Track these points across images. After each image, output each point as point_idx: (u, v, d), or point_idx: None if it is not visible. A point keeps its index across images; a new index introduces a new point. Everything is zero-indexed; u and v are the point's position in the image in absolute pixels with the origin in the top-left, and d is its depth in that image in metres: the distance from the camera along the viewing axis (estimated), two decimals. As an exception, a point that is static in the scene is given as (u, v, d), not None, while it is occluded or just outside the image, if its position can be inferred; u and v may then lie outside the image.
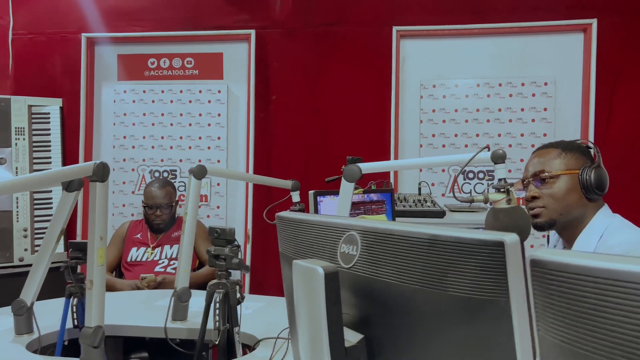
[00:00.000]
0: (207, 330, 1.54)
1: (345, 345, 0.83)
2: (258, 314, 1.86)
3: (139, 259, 2.72)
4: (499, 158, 1.50)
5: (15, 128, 2.99)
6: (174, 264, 2.72)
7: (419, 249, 0.75)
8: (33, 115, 3.05)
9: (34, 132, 3.04)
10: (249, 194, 3.08)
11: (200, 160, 3.18)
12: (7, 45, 3.21)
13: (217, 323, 1.48)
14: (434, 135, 2.96)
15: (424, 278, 0.74)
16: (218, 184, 3.17)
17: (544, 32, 2.88)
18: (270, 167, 3.11)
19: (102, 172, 1.37)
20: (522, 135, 2.88)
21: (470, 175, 2.95)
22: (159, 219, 2.78)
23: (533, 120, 2.88)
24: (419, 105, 2.98)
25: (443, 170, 2.94)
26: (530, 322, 0.62)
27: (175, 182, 3.11)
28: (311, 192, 1.88)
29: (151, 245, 2.77)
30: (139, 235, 2.80)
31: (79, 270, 1.66)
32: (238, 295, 1.52)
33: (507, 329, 0.64)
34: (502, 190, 1.47)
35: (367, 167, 1.59)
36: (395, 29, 2.93)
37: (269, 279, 3.07)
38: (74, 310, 1.64)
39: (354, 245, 0.87)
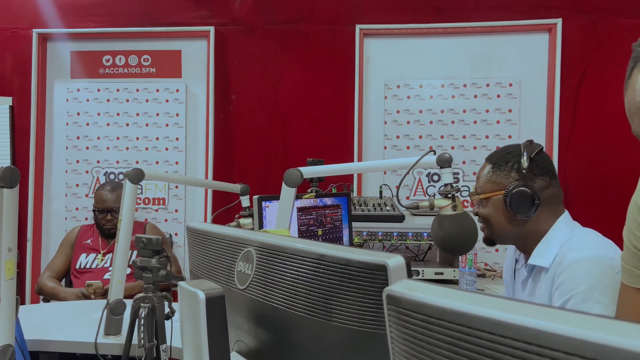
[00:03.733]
0: (134, 347, 1.44)
1: (232, 379, 0.74)
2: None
3: (88, 266, 2.60)
4: (445, 162, 1.42)
5: (-40, 128, 2.84)
6: (110, 275, 2.59)
7: (308, 269, 0.66)
8: (-21, 115, 2.90)
9: (-20, 132, 2.89)
10: (208, 197, 2.97)
11: (157, 162, 3.06)
12: (-46, 40, 3.06)
13: (142, 340, 1.37)
14: (398, 137, 2.88)
15: (310, 304, 0.65)
16: (177, 187, 3.05)
17: (509, 31, 2.82)
18: (230, 169, 3.00)
19: (10, 178, 1.25)
20: (487, 137, 2.82)
21: (435, 177, 2.88)
22: (110, 224, 2.66)
23: (498, 122, 2.82)
24: (384, 105, 2.90)
25: (407, 173, 2.86)
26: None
27: (131, 184, 2.98)
28: (255, 197, 1.78)
29: (102, 252, 2.65)
30: (89, 241, 2.67)
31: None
32: (167, 310, 1.42)
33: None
34: (448, 195, 1.39)
35: (309, 171, 1.50)
36: (358, 27, 2.85)
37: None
38: (-8, 325, 1.51)
39: (250, 264, 0.78)
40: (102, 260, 2.63)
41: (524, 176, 1.29)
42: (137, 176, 1.74)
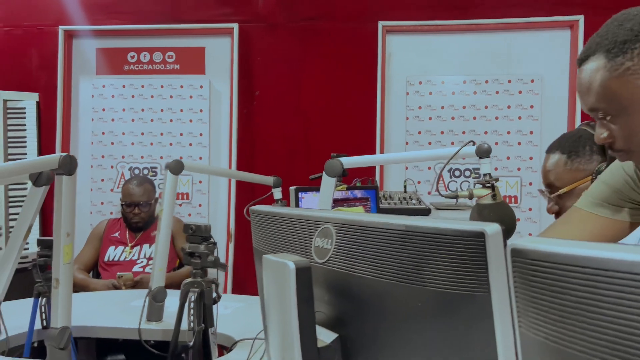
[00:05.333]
0: (181, 332, 1.48)
1: (318, 346, 0.78)
2: (237, 314, 1.80)
3: (116, 259, 2.64)
4: (484, 153, 1.46)
5: (-11, 123, 2.89)
6: (152, 263, 2.64)
7: (394, 241, 0.70)
8: (8, 110, 2.95)
9: (9, 128, 2.94)
10: (231, 191, 3.01)
11: (181, 157, 3.10)
12: (-18, 38, 3.11)
13: (192, 323, 1.42)
14: (420, 133, 2.92)
15: (399, 272, 0.69)
16: (200, 182, 3.10)
17: (531, 28, 2.86)
18: (253, 165, 3.04)
19: (69, 165, 1.30)
20: (508, 132, 2.86)
21: (457, 173, 2.91)
22: (137, 217, 2.71)
23: (520, 118, 2.86)
24: (405, 101, 2.94)
25: (429, 168, 2.90)
26: (512, 318, 0.57)
27: (155, 179, 3.03)
28: (292, 188, 1.82)
29: (129, 245, 2.69)
30: (117, 234, 2.72)
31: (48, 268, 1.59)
32: (214, 294, 1.46)
33: (487, 325, 0.59)
34: (487, 185, 1.43)
35: (350, 161, 1.54)
36: (380, 24, 2.89)
37: (251, 278, 3.00)
38: (43, 310, 1.56)
39: (329, 239, 0.82)
40: (130, 252, 2.68)
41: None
42: (177, 167, 1.79)
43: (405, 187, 2.62)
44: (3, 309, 1.57)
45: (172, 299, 1.75)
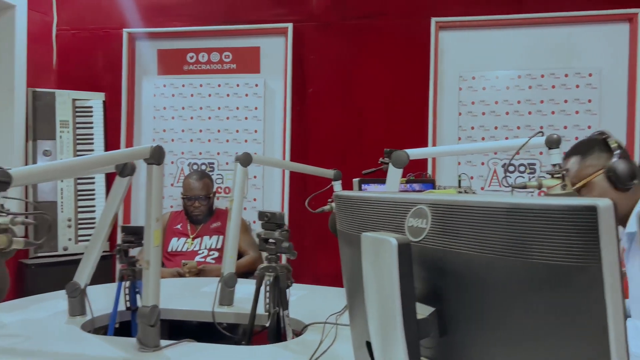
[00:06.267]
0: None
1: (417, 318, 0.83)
2: (302, 301, 1.86)
3: (179, 249, 2.77)
4: (553, 143, 1.47)
5: (60, 121, 3.08)
6: (213, 254, 2.76)
7: (498, 218, 0.74)
8: (77, 109, 3.13)
9: (77, 125, 3.12)
10: (285, 186, 3.10)
11: (237, 153, 3.20)
12: (52, 41, 3.31)
13: (267, 306, 1.49)
14: (473, 128, 2.92)
15: (503, 247, 0.73)
16: (255, 177, 3.19)
17: (588, 21, 2.81)
18: (306, 161, 3.11)
19: (158, 155, 1.40)
20: (565, 127, 2.82)
21: (511, 168, 2.90)
22: (198, 210, 2.83)
23: (577, 112, 2.81)
24: (458, 97, 2.94)
25: (482, 164, 2.90)
26: (622, 288, 0.61)
27: (212, 174, 3.15)
28: (355, 180, 1.88)
29: (191, 236, 2.81)
30: (179, 226, 2.84)
31: (130, 253, 1.70)
32: (287, 280, 1.53)
33: (597, 296, 0.63)
34: (556, 175, 1.44)
35: (416, 152, 1.58)
36: (433, 20, 2.91)
37: (304, 271, 3.08)
38: (126, 292, 1.67)
39: (424, 219, 0.86)
40: (191, 244, 2.80)
41: (614, 153, 1.39)
42: (246, 160, 1.87)
43: (459, 181, 2.62)
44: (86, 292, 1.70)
45: (238, 286, 1.84)
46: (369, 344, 1.02)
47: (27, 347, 1.42)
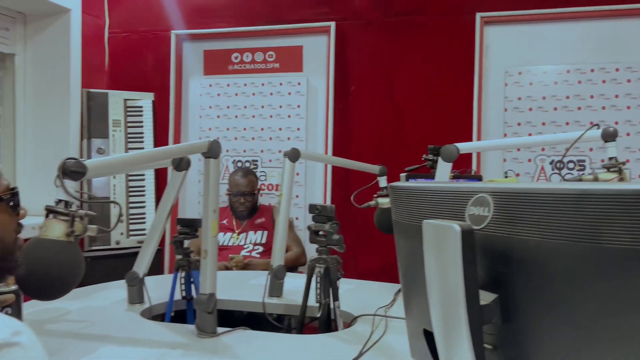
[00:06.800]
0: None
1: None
2: (350, 294, 1.89)
3: (225, 244, 2.84)
4: (609, 136, 1.45)
5: (112, 120, 3.21)
6: (257, 248, 2.82)
7: (566, 205, 0.74)
8: (128, 109, 3.26)
9: (128, 124, 3.25)
10: (327, 183, 3.13)
11: (280, 151, 3.27)
12: (104, 43, 3.46)
13: (318, 297, 1.53)
14: (519, 124, 2.88)
15: (572, 232, 0.73)
16: (297, 174, 3.24)
17: (638, 14, 2.72)
18: (348, 158, 3.13)
19: (215, 149, 1.45)
20: (616, 123, 2.73)
21: (559, 165, 2.83)
22: (243, 206, 2.90)
23: (628, 107, 2.73)
24: (504, 93, 2.90)
25: (529, 161, 2.85)
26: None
27: (256, 171, 3.21)
28: (403, 175, 1.89)
29: (236, 231, 2.89)
30: (224, 221, 2.92)
31: (185, 245, 1.76)
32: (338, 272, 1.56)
33: (671, 279, 0.63)
34: (613, 169, 1.41)
35: (466, 146, 1.58)
36: (478, 15, 2.88)
37: (347, 266, 3.09)
38: (182, 282, 1.74)
39: (485, 207, 0.87)
40: (237, 238, 2.87)
41: None
42: (295, 155, 1.91)
43: (506, 178, 2.59)
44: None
45: (285, 278, 1.89)
46: (426, 332, 1.04)
47: (93, 331, 1.51)
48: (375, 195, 2.15)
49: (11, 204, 0.83)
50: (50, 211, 1.09)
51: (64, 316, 1.63)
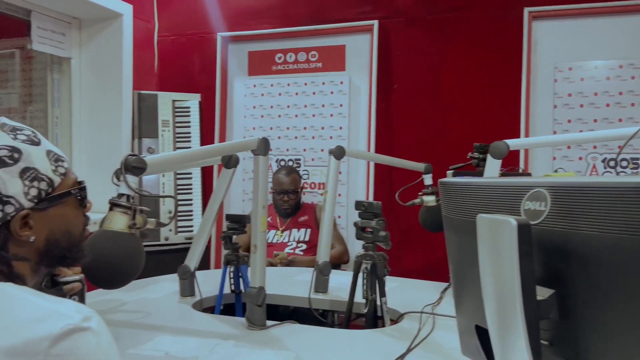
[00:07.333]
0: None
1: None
2: (395, 292, 1.89)
3: (269, 241, 2.89)
4: (670, 131, 1.39)
5: (162, 121, 3.33)
6: (301, 246, 2.85)
7: (625, 199, 0.73)
8: (176, 109, 3.37)
9: (177, 125, 3.36)
10: (370, 181, 3.13)
11: (322, 150, 3.30)
12: (153, 46, 3.58)
13: (365, 293, 1.54)
14: (570, 121, 2.79)
15: (632, 227, 0.72)
16: (340, 172, 3.25)
17: (702, 4, 2.59)
18: (391, 156, 3.13)
19: (264, 147, 1.49)
20: (673, 119, 2.62)
21: (612, 163, 2.73)
22: (287, 204, 2.94)
23: (687, 103, 2.60)
24: (553, 89, 2.82)
25: (580, 159, 2.76)
26: None
27: (299, 170, 3.25)
28: (449, 172, 1.87)
29: (280, 229, 2.93)
30: (269, 219, 2.97)
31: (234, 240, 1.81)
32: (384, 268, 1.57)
33: None
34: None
35: (517, 143, 1.56)
36: (526, 10, 2.81)
37: (391, 264, 3.09)
38: (231, 276, 1.79)
39: (542, 202, 0.86)
40: (280, 236, 2.91)
41: None
42: (340, 153, 1.93)
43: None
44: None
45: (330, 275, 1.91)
46: (479, 329, 1.03)
47: (149, 321, 1.57)
48: (420, 193, 2.14)
49: (79, 197, 0.87)
50: (113, 204, 1.15)
51: (122, 307, 1.71)
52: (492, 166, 1.57)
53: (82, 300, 1.23)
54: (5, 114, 2.59)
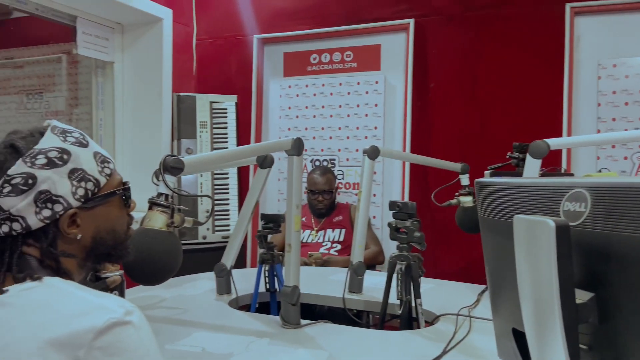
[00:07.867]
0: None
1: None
2: (430, 293, 1.87)
3: (304, 241, 2.91)
4: None
5: (200, 122, 3.40)
6: (336, 246, 2.86)
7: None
8: (213, 111, 3.44)
9: (214, 126, 3.43)
10: (405, 182, 3.10)
11: (357, 150, 3.29)
12: (192, 49, 3.67)
13: (400, 294, 1.53)
14: (614, 120, 2.68)
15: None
16: (375, 172, 3.24)
17: None
18: (427, 155, 3.09)
19: (298, 147, 1.50)
20: None
21: (660, 163, 2.61)
22: (321, 204, 2.95)
23: None
24: (597, 86, 2.72)
25: (625, 158, 2.65)
26: None
27: (334, 170, 3.26)
28: (487, 172, 1.84)
29: (315, 229, 2.95)
30: (304, 219, 2.99)
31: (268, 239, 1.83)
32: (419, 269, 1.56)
33: None
34: None
35: (558, 142, 1.51)
36: (568, 5, 2.72)
37: (425, 266, 3.06)
38: (266, 275, 1.81)
39: (582, 202, 0.84)
40: (315, 236, 2.93)
41: None
42: (374, 153, 1.92)
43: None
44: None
45: (365, 275, 1.90)
46: (516, 332, 1.01)
47: (187, 318, 1.62)
48: (456, 194, 2.11)
49: (123, 197, 0.90)
50: (153, 203, 1.19)
51: (160, 303, 1.77)
52: (532, 166, 1.54)
53: (122, 295, 1.27)
54: (52, 117, 2.72)
